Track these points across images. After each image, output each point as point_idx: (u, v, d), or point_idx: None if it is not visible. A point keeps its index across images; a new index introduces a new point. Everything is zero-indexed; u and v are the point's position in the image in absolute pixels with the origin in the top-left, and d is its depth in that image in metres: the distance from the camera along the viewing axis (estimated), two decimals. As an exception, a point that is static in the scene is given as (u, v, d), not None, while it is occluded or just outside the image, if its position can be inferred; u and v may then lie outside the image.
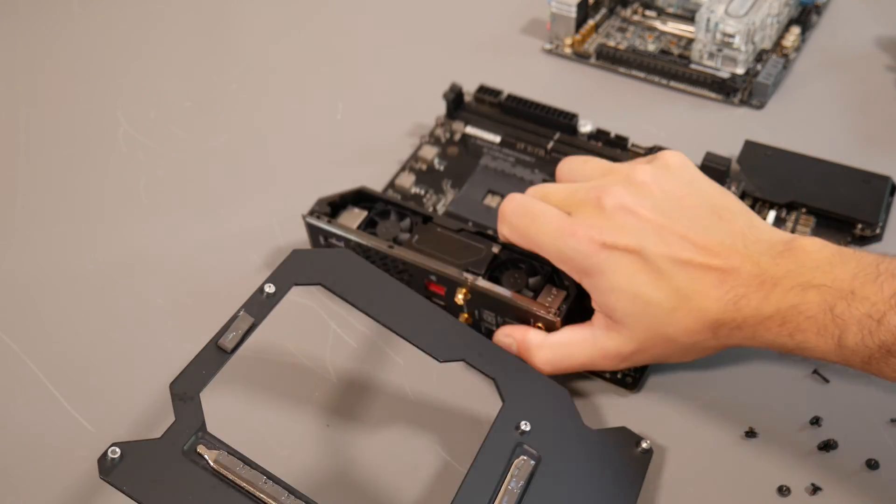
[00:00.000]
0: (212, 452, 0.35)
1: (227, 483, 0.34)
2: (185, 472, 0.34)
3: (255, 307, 0.39)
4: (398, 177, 0.55)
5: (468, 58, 0.65)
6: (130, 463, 0.34)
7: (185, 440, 0.35)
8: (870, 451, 0.41)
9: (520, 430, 0.38)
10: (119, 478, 0.34)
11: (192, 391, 0.36)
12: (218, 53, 0.68)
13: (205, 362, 0.38)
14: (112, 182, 0.58)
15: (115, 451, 0.34)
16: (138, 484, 0.34)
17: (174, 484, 0.34)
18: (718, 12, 0.58)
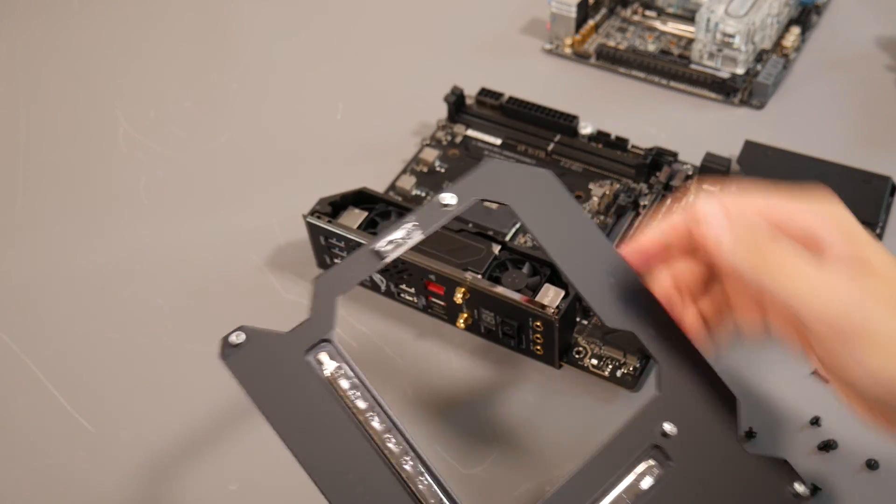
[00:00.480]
0: (332, 363, 0.33)
1: (336, 400, 0.32)
2: (299, 375, 0.32)
3: (426, 217, 0.35)
4: (399, 179, 0.55)
5: (468, 57, 0.65)
6: (251, 350, 0.32)
7: (312, 342, 0.33)
8: (870, 451, 0.41)
9: (662, 430, 0.34)
10: (235, 363, 0.32)
11: (334, 291, 0.34)
12: (218, 53, 0.68)
13: (356, 264, 0.34)
14: (112, 182, 0.58)
15: (239, 335, 0.32)
16: (251, 374, 0.32)
17: (284, 384, 0.32)
18: (718, 12, 0.58)
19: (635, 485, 0.33)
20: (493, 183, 0.36)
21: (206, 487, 0.43)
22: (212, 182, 0.58)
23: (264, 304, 0.50)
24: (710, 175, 0.52)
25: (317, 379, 0.32)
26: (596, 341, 0.46)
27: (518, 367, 0.46)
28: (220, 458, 0.44)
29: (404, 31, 0.68)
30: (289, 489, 0.42)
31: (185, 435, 0.45)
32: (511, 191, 0.36)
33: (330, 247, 0.49)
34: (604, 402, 0.44)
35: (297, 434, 0.32)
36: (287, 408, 0.32)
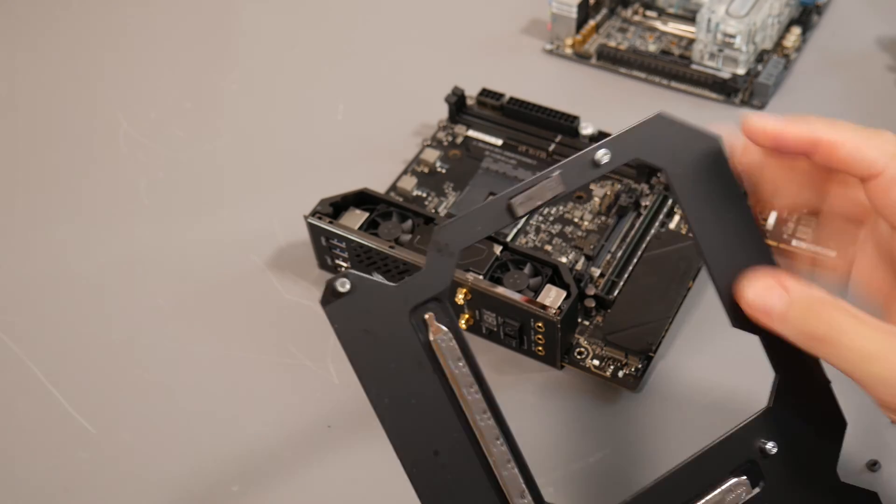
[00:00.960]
0: (437, 327, 0.30)
1: (435, 367, 0.30)
2: (401, 333, 0.30)
3: (573, 172, 0.31)
4: (400, 179, 0.55)
5: (469, 58, 0.65)
6: (355, 300, 0.30)
7: (421, 298, 0.30)
8: (870, 452, 0.41)
9: (762, 447, 0.32)
10: (337, 311, 0.30)
11: (455, 244, 0.30)
12: (219, 54, 0.68)
13: (485, 217, 0.31)
14: (112, 183, 0.58)
15: (345, 282, 0.30)
16: (352, 326, 0.30)
17: (384, 340, 0.30)
18: (719, 13, 0.58)
19: (721, 499, 0.31)
20: (654, 141, 0.32)
21: (207, 489, 0.43)
22: (212, 183, 0.58)
23: (265, 305, 0.50)
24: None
25: (417, 341, 0.30)
26: (598, 342, 0.46)
27: (519, 368, 0.46)
28: (222, 459, 0.44)
29: (405, 32, 0.68)
30: (290, 490, 0.42)
31: (187, 436, 0.45)
32: (671, 153, 0.32)
33: (331, 247, 0.49)
34: (605, 402, 0.44)
35: (386, 398, 0.30)
36: (382, 368, 0.30)
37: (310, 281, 0.51)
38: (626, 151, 0.32)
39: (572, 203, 0.52)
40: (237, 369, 0.47)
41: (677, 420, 0.44)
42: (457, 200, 0.53)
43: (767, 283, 0.31)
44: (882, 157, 0.30)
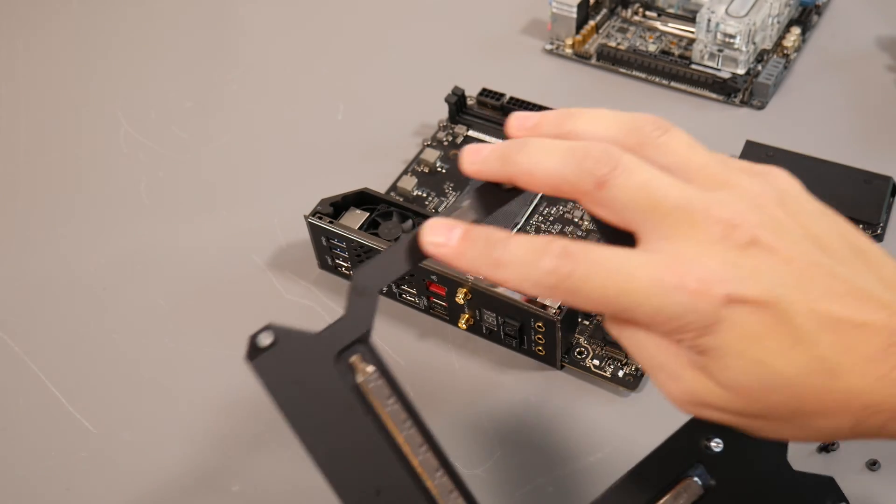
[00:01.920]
0: (364, 368, 0.30)
1: (366, 409, 0.30)
2: (329, 379, 0.30)
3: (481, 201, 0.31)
4: (400, 179, 0.55)
5: (469, 58, 0.65)
6: (280, 352, 0.30)
7: (345, 342, 0.30)
8: (870, 452, 0.41)
9: (708, 445, 0.32)
10: (263, 365, 0.30)
11: (373, 285, 0.30)
12: (219, 54, 0.68)
13: (400, 254, 0.31)
14: (113, 183, 0.58)
15: (268, 335, 0.30)
16: (280, 379, 0.30)
17: (313, 388, 0.30)
18: (719, 13, 0.58)
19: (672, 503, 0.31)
20: None
21: (208, 489, 0.43)
22: (213, 182, 0.58)
23: (265, 305, 0.50)
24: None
25: (347, 385, 0.30)
26: (598, 342, 0.46)
27: (520, 368, 0.46)
28: (223, 459, 0.44)
29: (405, 32, 0.68)
30: (290, 490, 0.42)
31: (187, 435, 0.45)
32: None
33: (331, 247, 0.49)
34: (606, 402, 0.44)
35: (322, 445, 0.30)
36: (314, 416, 0.30)
37: (310, 281, 0.51)
38: None
39: (572, 203, 0.52)
40: (237, 369, 0.47)
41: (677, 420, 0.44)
42: (457, 200, 0.53)
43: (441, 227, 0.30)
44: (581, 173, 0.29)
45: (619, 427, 0.43)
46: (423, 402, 0.45)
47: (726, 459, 0.31)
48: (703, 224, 0.27)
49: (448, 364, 0.47)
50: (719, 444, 0.31)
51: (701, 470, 0.31)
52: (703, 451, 0.31)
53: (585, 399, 0.45)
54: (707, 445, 0.31)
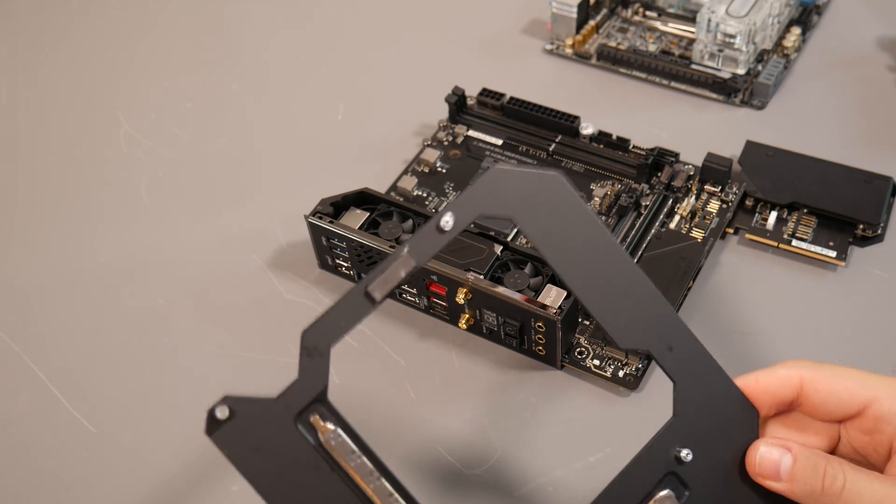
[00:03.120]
0: (325, 427, 0.31)
1: (332, 466, 0.30)
2: (291, 443, 0.30)
3: (420, 245, 0.31)
4: (400, 179, 0.55)
5: (469, 58, 0.65)
6: (239, 423, 0.30)
7: (302, 404, 0.31)
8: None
9: (678, 456, 0.32)
10: (223, 438, 0.30)
11: (323, 345, 0.31)
12: (218, 54, 0.68)
13: (346, 311, 0.31)
14: (113, 183, 0.58)
15: (223, 409, 0.30)
16: (241, 448, 0.30)
17: (276, 453, 0.30)
18: (719, 13, 0.58)
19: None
20: (495, 194, 0.31)
21: (208, 488, 0.43)
22: (213, 182, 0.58)
23: (265, 305, 0.50)
24: (711, 175, 0.52)
25: (308, 447, 0.31)
26: (598, 342, 0.46)
27: (520, 368, 0.46)
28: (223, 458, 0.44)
29: (405, 32, 0.68)
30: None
31: (187, 435, 0.45)
32: (515, 201, 0.31)
33: (332, 247, 0.49)
34: (606, 402, 0.44)
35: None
36: (281, 480, 0.30)
37: (310, 281, 0.51)
38: (470, 211, 0.31)
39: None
40: (237, 368, 0.47)
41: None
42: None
43: (771, 447, 0.31)
44: None
45: (619, 427, 0.43)
46: (423, 403, 0.45)
47: (698, 467, 0.31)
48: None
49: (448, 364, 0.47)
50: (689, 453, 0.32)
51: (673, 480, 0.31)
52: (674, 461, 0.32)
53: (585, 399, 0.45)
54: (678, 456, 0.32)
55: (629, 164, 0.53)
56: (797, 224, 0.51)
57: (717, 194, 0.52)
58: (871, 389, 0.31)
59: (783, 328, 0.47)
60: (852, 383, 0.32)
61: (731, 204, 0.52)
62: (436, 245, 0.31)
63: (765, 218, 0.51)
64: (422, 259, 0.31)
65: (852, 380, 0.32)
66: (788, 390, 0.32)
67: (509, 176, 0.31)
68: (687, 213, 0.51)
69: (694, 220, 0.51)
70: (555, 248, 0.31)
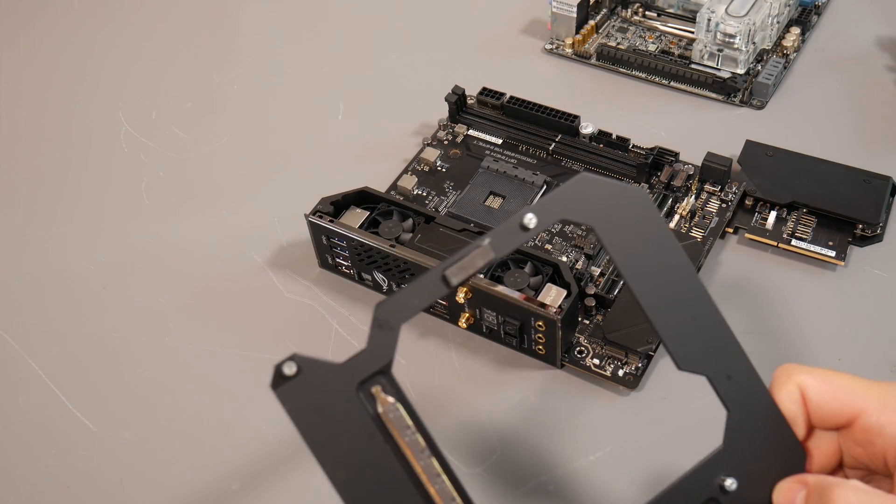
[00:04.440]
0: (385, 399, 0.31)
1: (387, 438, 0.31)
2: (350, 410, 0.31)
3: (501, 239, 0.32)
4: (400, 178, 0.55)
5: (469, 57, 0.65)
6: (303, 381, 0.31)
7: (366, 374, 0.31)
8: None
9: (722, 485, 0.31)
10: (287, 394, 0.31)
11: (395, 320, 0.31)
12: (219, 54, 0.68)
13: (421, 290, 0.32)
14: (113, 182, 0.58)
15: (291, 365, 0.31)
16: (303, 407, 0.31)
17: (334, 418, 0.31)
18: (719, 13, 0.58)
19: None
20: (579, 200, 0.32)
21: (208, 487, 0.43)
22: (213, 182, 0.58)
23: (266, 304, 0.50)
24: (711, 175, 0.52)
25: (367, 415, 0.31)
26: (598, 341, 0.46)
27: (520, 367, 0.46)
28: (223, 457, 0.44)
29: (405, 32, 0.69)
30: (291, 489, 0.42)
31: (187, 434, 0.45)
32: (597, 209, 0.32)
33: (332, 246, 0.49)
34: (606, 401, 0.45)
35: (342, 471, 0.31)
36: (335, 443, 0.31)
37: (310, 280, 0.51)
38: (552, 213, 0.32)
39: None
40: (237, 368, 0.47)
41: (677, 419, 0.44)
42: (457, 199, 0.53)
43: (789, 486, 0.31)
44: None
45: (619, 426, 0.43)
46: (423, 401, 0.45)
47: (739, 499, 0.31)
48: None
49: (448, 363, 0.47)
50: (734, 483, 0.31)
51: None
52: (717, 489, 0.32)
53: (585, 398, 0.45)
54: (722, 485, 0.32)
55: (629, 164, 0.54)
56: (797, 224, 0.51)
57: (717, 194, 0.52)
58: (859, 400, 0.31)
59: (782, 328, 0.47)
60: (842, 392, 0.31)
61: (730, 203, 0.52)
62: (515, 241, 0.31)
63: (764, 217, 0.51)
64: (500, 252, 0.31)
65: (842, 388, 0.31)
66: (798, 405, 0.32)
67: (595, 184, 0.32)
68: (687, 212, 0.51)
69: (693, 220, 0.51)
70: (629, 261, 0.32)
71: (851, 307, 0.48)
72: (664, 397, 0.44)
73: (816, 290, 0.48)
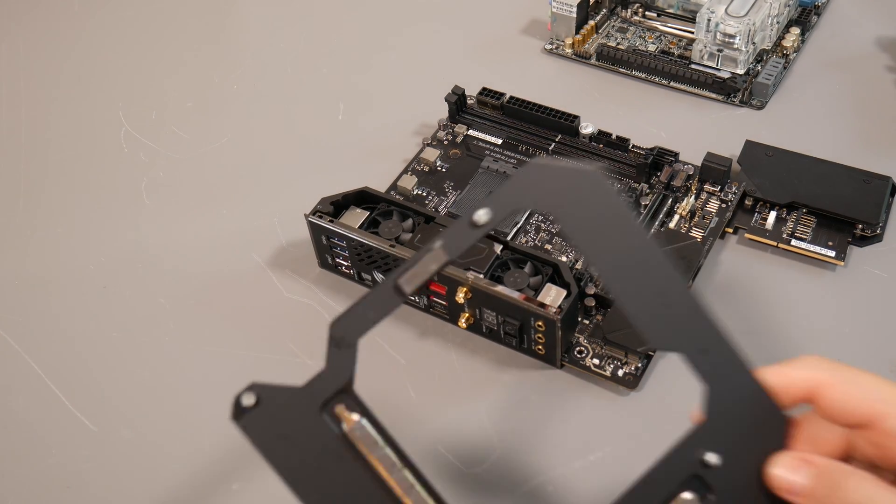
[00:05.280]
0: (349, 417, 0.31)
1: (356, 456, 0.31)
2: (315, 432, 0.31)
3: (454, 239, 0.31)
4: (400, 178, 0.55)
5: (469, 58, 0.65)
6: (264, 410, 0.31)
7: (328, 394, 0.31)
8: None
9: (704, 460, 0.31)
10: (249, 424, 0.31)
11: (351, 336, 0.31)
12: (219, 54, 0.68)
13: (375, 303, 0.31)
14: (113, 182, 0.58)
15: (250, 396, 0.31)
16: (267, 435, 0.31)
17: (300, 442, 0.31)
18: (719, 13, 0.59)
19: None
20: (532, 189, 0.31)
21: (208, 487, 0.43)
22: (213, 182, 0.58)
23: (265, 304, 0.50)
24: (710, 175, 0.52)
25: (333, 435, 0.31)
26: (597, 341, 0.46)
27: (520, 367, 0.46)
28: (223, 457, 0.44)
29: (405, 32, 0.69)
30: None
31: (187, 434, 0.45)
32: (552, 196, 0.31)
33: (332, 246, 0.49)
34: (606, 401, 0.45)
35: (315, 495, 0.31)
36: (305, 468, 0.31)
37: (310, 280, 0.51)
38: (506, 205, 0.31)
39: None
40: (237, 368, 0.47)
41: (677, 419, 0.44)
42: (457, 199, 0.53)
43: (793, 461, 0.30)
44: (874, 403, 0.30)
45: (618, 426, 0.44)
46: (423, 401, 0.45)
47: (725, 472, 0.31)
48: None
49: (448, 363, 0.47)
50: (717, 457, 0.31)
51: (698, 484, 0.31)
52: (699, 464, 0.31)
53: (585, 398, 0.45)
54: (705, 460, 0.31)
55: (629, 164, 0.54)
56: (796, 224, 0.51)
57: (717, 194, 0.52)
58: (882, 402, 0.30)
59: (782, 327, 0.47)
60: (866, 393, 0.30)
61: (730, 203, 0.52)
62: (469, 239, 0.31)
63: (764, 217, 0.51)
64: (454, 253, 0.31)
65: (866, 389, 0.31)
66: (800, 394, 0.31)
67: (547, 170, 0.31)
68: (686, 212, 0.51)
69: (693, 220, 0.51)
70: (591, 245, 0.31)
71: (851, 307, 0.48)
72: (664, 397, 0.44)
73: (816, 290, 0.48)
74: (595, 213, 0.31)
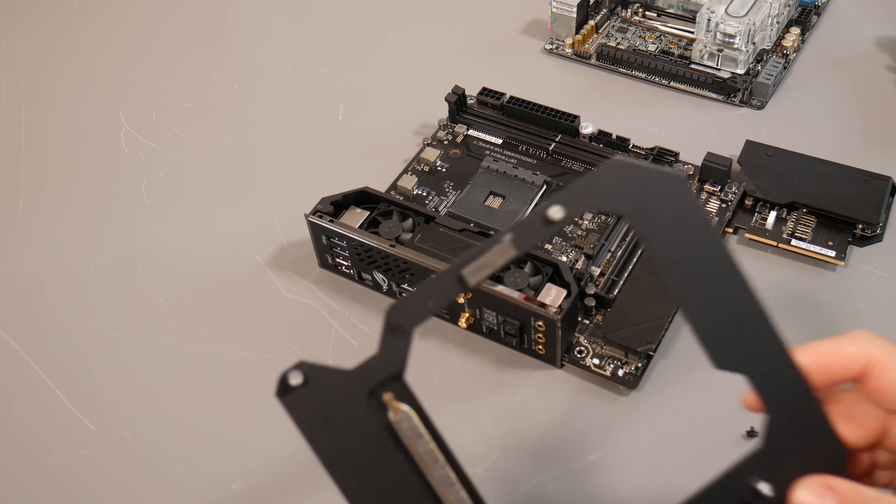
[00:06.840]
0: (397, 406, 0.30)
1: (398, 447, 0.30)
2: (360, 417, 0.30)
3: (524, 234, 0.29)
4: (400, 178, 0.55)
5: (469, 58, 0.65)
6: (311, 390, 0.30)
7: (377, 380, 0.30)
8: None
9: (756, 489, 0.30)
10: (293, 404, 0.30)
11: (409, 323, 0.30)
12: (219, 54, 0.68)
13: (435, 292, 0.30)
14: (114, 182, 0.58)
15: (297, 375, 0.30)
16: (310, 416, 0.30)
17: (344, 427, 0.30)
18: (719, 13, 0.58)
19: None
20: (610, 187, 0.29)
21: (208, 486, 0.43)
22: (213, 182, 0.58)
23: (266, 304, 0.50)
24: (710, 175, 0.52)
25: (379, 423, 0.30)
26: (598, 341, 0.46)
27: (520, 367, 0.46)
28: (223, 456, 0.44)
29: (405, 32, 0.69)
30: (291, 489, 0.42)
31: (188, 433, 0.45)
32: (630, 197, 0.29)
33: (332, 246, 0.49)
34: (606, 401, 0.45)
35: (353, 482, 0.30)
36: (345, 453, 0.30)
37: (310, 280, 0.51)
38: (581, 203, 0.30)
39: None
40: (237, 367, 0.47)
41: (677, 418, 0.44)
42: (457, 199, 0.53)
43: (817, 487, 0.30)
44: None
45: (618, 426, 0.43)
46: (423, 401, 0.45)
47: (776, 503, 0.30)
48: None
49: (448, 363, 0.47)
50: (770, 489, 0.30)
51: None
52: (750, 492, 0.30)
53: (585, 398, 0.45)
54: (755, 488, 0.30)
55: (629, 164, 0.53)
56: (796, 224, 0.51)
57: (717, 194, 0.52)
58: None
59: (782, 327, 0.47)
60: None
61: (730, 203, 0.52)
62: (540, 235, 0.29)
63: (764, 217, 0.51)
64: (523, 248, 0.29)
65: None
66: (852, 371, 0.30)
67: (628, 169, 0.29)
68: (686, 212, 0.51)
69: (693, 220, 0.51)
70: (664, 252, 0.29)
71: (851, 307, 0.48)
72: (664, 397, 0.44)
73: (816, 290, 0.48)
74: (673, 219, 0.29)
